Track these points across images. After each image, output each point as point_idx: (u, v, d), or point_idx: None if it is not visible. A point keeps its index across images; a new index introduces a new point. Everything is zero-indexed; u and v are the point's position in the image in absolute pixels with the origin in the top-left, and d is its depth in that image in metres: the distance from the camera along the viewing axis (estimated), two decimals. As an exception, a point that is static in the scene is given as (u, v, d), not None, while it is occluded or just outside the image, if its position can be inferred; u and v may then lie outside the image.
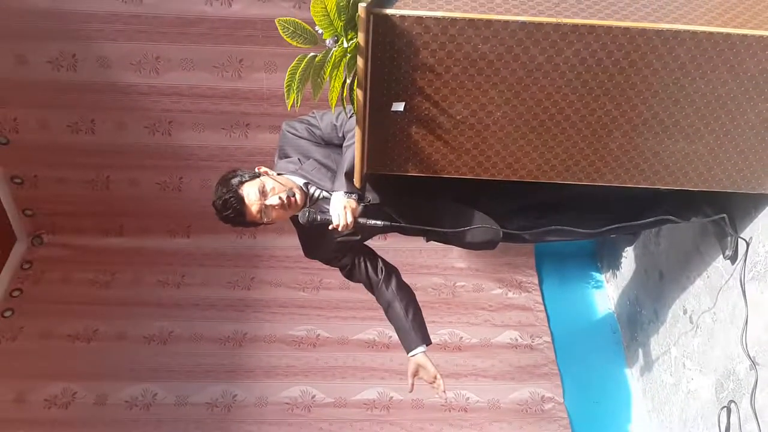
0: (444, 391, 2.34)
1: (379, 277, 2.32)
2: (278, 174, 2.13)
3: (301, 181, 2.13)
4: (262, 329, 3.24)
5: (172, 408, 2.93)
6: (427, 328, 2.37)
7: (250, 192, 2.01)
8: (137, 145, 3.26)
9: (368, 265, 2.32)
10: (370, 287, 2.36)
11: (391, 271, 2.36)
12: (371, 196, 2.11)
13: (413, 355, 2.32)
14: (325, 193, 2.11)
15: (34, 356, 3.08)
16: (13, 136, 3.22)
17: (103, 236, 3.58)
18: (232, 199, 1.99)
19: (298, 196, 2.05)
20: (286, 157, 2.21)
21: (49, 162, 3.32)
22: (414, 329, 2.32)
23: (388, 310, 2.35)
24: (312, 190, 2.13)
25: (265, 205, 2.00)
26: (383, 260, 2.37)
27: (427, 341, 2.33)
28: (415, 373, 2.33)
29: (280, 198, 2.00)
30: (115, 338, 3.18)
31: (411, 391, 2.38)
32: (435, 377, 2.30)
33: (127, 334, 3.19)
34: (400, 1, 1.66)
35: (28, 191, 3.44)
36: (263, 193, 2.00)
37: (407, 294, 2.36)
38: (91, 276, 3.45)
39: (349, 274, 2.34)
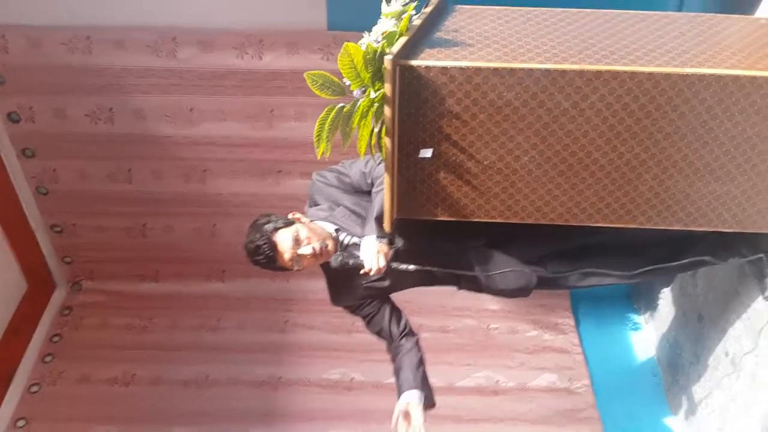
0: None
1: (400, 331, 2.28)
2: (311, 221, 2.15)
3: (331, 228, 2.14)
4: (296, 373, 3.25)
5: (208, 453, 2.94)
6: (431, 390, 2.29)
7: (283, 240, 2.00)
8: (173, 193, 3.34)
9: (392, 315, 2.29)
10: (389, 337, 2.29)
11: (413, 331, 2.33)
12: (402, 243, 2.11)
13: (408, 399, 2.19)
14: (355, 239, 2.13)
15: (73, 401, 3.13)
16: (53, 187, 3.33)
17: (139, 282, 3.66)
18: (264, 245, 1.99)
19: (330, 247, 2.05)
20: (317, 204, 2.24)
21: (87, 211, 3.42)
22: (420, 382, 2.23)
23: (402, 357, 2.27)
24: (342, 236, 2.15)
25: (298, 254, 2.00)
26: (407, 320, 2.33)
27: (429, 399, 2.24)
28: (404, 414, 2.16)
29: (313, 248, 2.00)
30: (152, 383, 3.21)
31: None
32: (419, 428, 2.13)
33: (165, 378, 3.23)
34: (425, 52, 1.69)
35: (67, 239, 3.54)
36: (297, 242, 2.00)
37: (421, 355, 2.30)
38: (129, 321, 3.52)
39: (370, 322, 2.30)
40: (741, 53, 1.68)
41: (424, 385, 2.24)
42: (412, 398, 2.19)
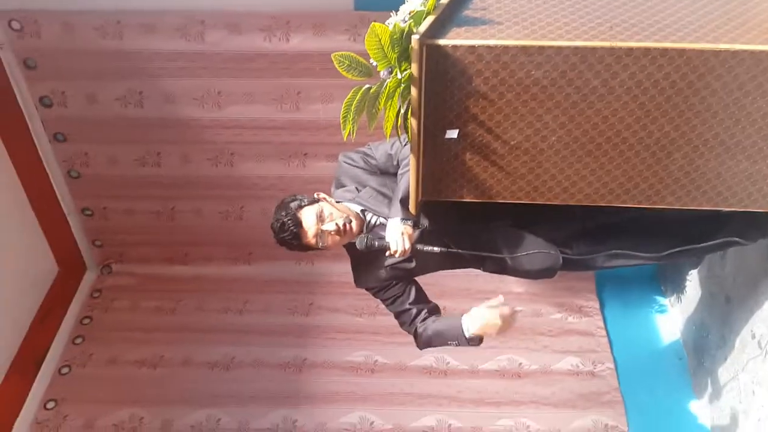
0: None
1: (422, 312, 2.26)
2: (336, 202, 2.17)
3: (358, 208, 2.16)
4: (320, 355, 3.28)
5: (235, 433, 2.98)
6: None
7: (308, 216, 2.04)
8: (201, 177, 3.38)
9: (417, 296, 2.27)
10: (410, 319, 2.27)
11: (436, 310, 2.32)
12: (427, 223, 2.12)
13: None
14: (381, 220, 2.15)
15: (103, 382, 3.20)
16: (84, 170, 3.39)
17: (168, 265, 3.72)
18: (289, 221, 2.03)
19: (354, 224, 2.08)
20: (343, 186, 2.26)
21: (117, 194, 3.48)
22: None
23: (431, 324, 2.26)
24: (369, 216, 2.16)
25: (322, 230, 2.03)
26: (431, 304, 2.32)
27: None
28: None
29: (336, 224, 2.03)
30: (180, 364, 3.27)
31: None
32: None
33: (192, 360, 3.28)
34: (453, 31, 1.68)
35: (98, 222, 3.61)
36: (321, 218, 2.04)
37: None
38: (157, 303, 3.58)
39: (393, 303, 2.29)
40: (775, 28, 1.66)
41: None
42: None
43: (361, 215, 2.17)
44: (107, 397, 3.12)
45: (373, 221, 2.16)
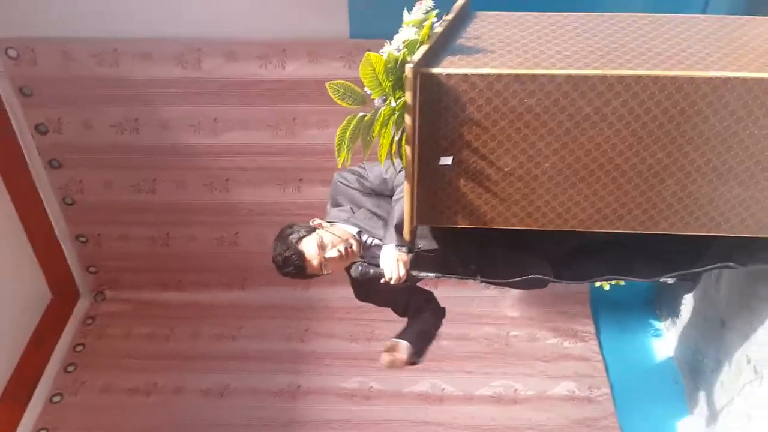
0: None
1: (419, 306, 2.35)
2: (330, 223, 2.20)
3: (354, 230, 2.19)
4: (315, 381, 3.26)
5: (229, 462, 2.95)
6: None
7: (309, 248, 2.06)
8: (196, 203, 3.39)
9: (416, 296, 2.36)
10: (404, 311, 2.37)
11: (436, 308, 2.38)
12: (422, 243, 2.13)
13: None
14: (377, 241, 2.16)
15: (95, 410, 3.17)
16: (79, 197, 3.39)
17: (162, 291, 3.70)
18: (293, 256, 2.06)
19: (354, 247, 2.11)
20: (338, 205, 2.28)
21: (112, 221, 3.47)
22: (414, 337, 2.28)
23: (413, 320, 2.36)
24: (365, 237, 2.19)
25: (325, 258, 2.06)
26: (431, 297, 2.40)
27: (418, 354, 2.28)
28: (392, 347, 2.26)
29: (338, 251, 2.06)
30: (173, 392, 3.24)
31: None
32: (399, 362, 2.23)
33: (186, 387, 3.25)
34: (446, 60, 1.70)
35: (92, 249, 3.60)
36: (322, 248, 2.06)
37: (433, 321, 2.37)
38: (151, 330, 3.56)
39: (403, 314, 2.38)
40: (766, 55, 1.68)
41: (418, 342, 2.28)
42: (402, 343, 2.25)
43: (357, 236, 2.19)
44: (99, 426, 3.09)
45: (369, 242, 2.19)
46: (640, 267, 2.18)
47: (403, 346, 2.24)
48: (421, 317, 2.34)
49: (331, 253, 2.06)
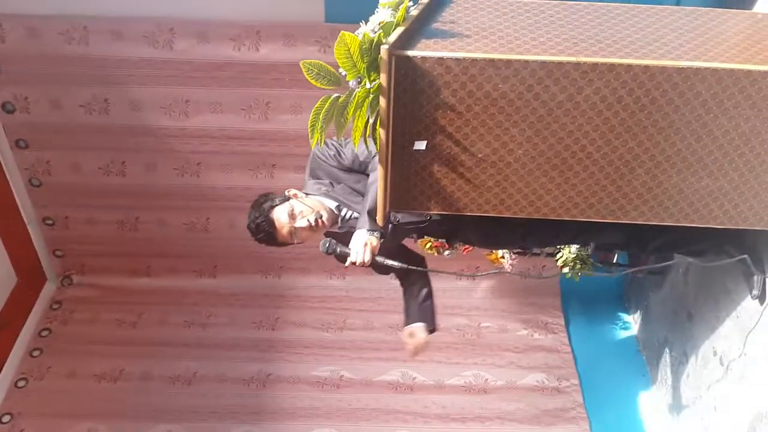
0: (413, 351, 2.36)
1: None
2: (306, 194, 2.22)
3: (333, 204, 2.22)
4: (286, 370, 3.24)
5: (196, 449, 2.92)
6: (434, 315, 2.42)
7: (280, 215, 2.13)
8: (166, 187, 3.34)
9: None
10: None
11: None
12: (400, 217, 2.18)
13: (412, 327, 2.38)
14: (356, 214, 2.18)
15: (61, 396, 3.11)
16: (46, 179, 3.32)
17: (131, 276, 3.64)
18: (263, 223, 2.13)
19: (325, 218, 2.16)
20: (317, 178, 2.30)
21: (80, 203, 3.41)
22: (422, 314, 2.37)
23: (408, 296, 2.42)
24: (344, 211, 2.22)
25: (295, 227, 2.12)
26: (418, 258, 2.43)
27: (431, 324, 2.38)
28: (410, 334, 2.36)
29: (308, 221, 2.12)
30: (140, 378, 3.20)
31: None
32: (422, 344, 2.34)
33: (153, 374, 3.21)
34: (422, 43, 1.69)
35: (59, 232, 3.53)
36: (292, 216, 2.13)
37: (428, 289, 2.42)
38: (119, 316, 3.50)
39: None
40: (737, 47, 1.70)
41: (427, 316, 2.38)
42: (416, 326, 2.36)
43: (336, 210, 2.22)
44: (65, 411, 3.03)
45: (348, 215, 2.22)
46: (598, 237, 2.31)
47: (419, 327, 2.34)
48: (411, 289, 2.40)
49: (301, 222, 2.12)
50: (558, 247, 2.72)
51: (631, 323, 3.47)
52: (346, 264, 2.08)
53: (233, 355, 3.30)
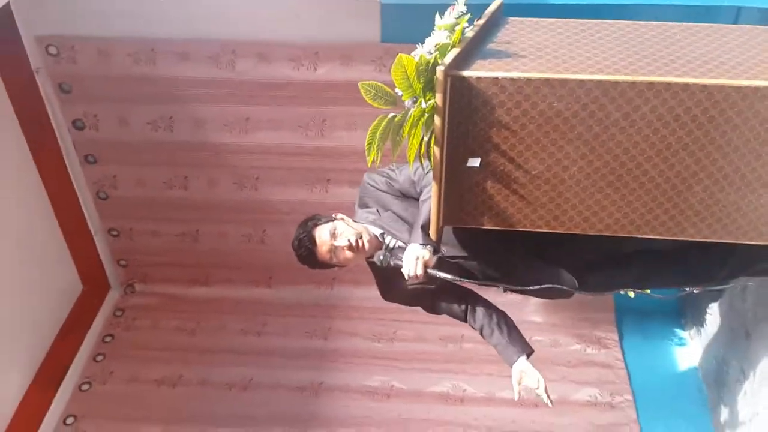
0: (549, 398, 2.24)
1: (462, 307, 2.32)
2: (355, 221, 2.23)
3: (378, 231, 2.21)
4: (337, 379, 3.30)
5: (251, 455, 2.99)
6: (526, 340, 2.32)
7: (322, 234, 2.13)
8: (226, 200, 3.44)
9: (448, 303, 2.32)
10: (458, 318, 2.35)
11: (476, 300, 2.34)
12: (447, 250, 2.15)
13: (514, 365, 2.26)
14: (400, 243, 2.18)
15: (122, 399, 3.24)
16: (112, 192, 3.47)
17: (190, 286, 3.77)
18: (305, 238, 2.13)
19: (365, 240, 2.13)
20: (366, 207, 2.32)
21: (143, 216, 3.55)
22: (511, 342, 2.27)
23: (482, 332, 2.32)
24: (388, 240, 2.21)
25: (335, 246, 2.11)
26: (468, 293, 2.35)
27: (527, 350, 2.27)
28: (519, 381, 2.25)
29: (348, 240, 2.09)
30: (198, 384, 3.30)
31: (517, 399, 2.28)
32: (538, 380, 2.22)
33: (210, 380, 3.31)
34: (477, 63, 1.72)
35: (124, 243, 3.68)
36: (333, 236, 2.12)
37: (498, 314, 2.33)
38: (178, 323, 3.63)
39: (431, 311, 2.36)
40: (795, 66, 1.68)
41: (518, 342, 2.28)
42: (519, 364, 2.25)
43: (381, 238, 2.21)
44: (126, 415, 3.15)
45: (392, 245, 2.21)
46: (662, 276, 2.18)
47: (523, 365, 2.25)
48: (487, 329, 2.31)
49: (341, 241, 2.10)
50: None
51: (687, 339, 3.40)
52: (406, 278, 2.07)
53: (287, 363, 3.38)
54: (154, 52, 2.98)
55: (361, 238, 2.12)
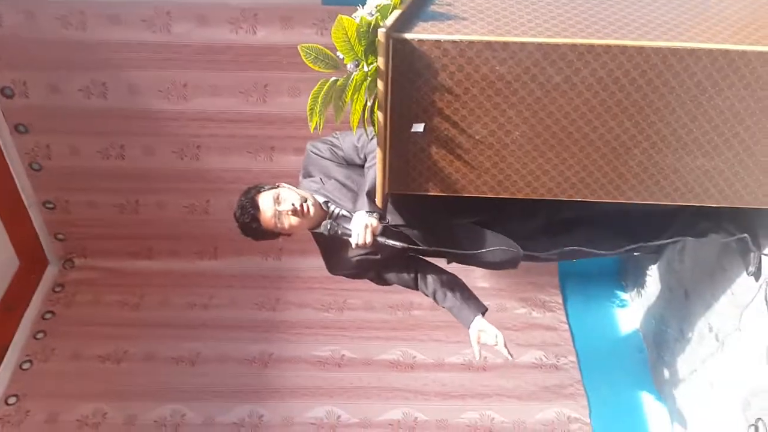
0: (509, 352, 2.27)
1: (411, 275, 2.33)
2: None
3: (322, 199, 2.18)
4: (287, 350, 3.28)
5: (200, 428, 2.97)
6: (479, 299, 2.36)
7: (265, 200, 2.10)
8: (166, 170, 3.35)
9: (397, 272, 2.33)
10: (408, 286, 2.37)
11: (426, 266, 2.36)
12: (391, 218, 2.14)
13: (471, 325, 2.29)
14: (344, 212, 2.16)
15: (65, 377, 3.15)
16: (46, 163, 3.33)
17: (132, 259, 3.67)
18: (247, 205, 2.09)
19: (310, 204, 2.10)
20: (310, 176, 2.28)
21: (80, 187, 3.42)
22: (465, 303, 2.31)
23: (435, 297, 2.35)
24: (332, 208, 2.19)
25: (279, 211, 2.07)
26: (416, 260, 2.35)
27: (481, 309, 2.31)
28: (478, 340, 2.28)
29: (292, 204, 2.07)
30: (144, 359, 3.23)
31: (479, 358, 2.33)
32: (496, 336, 2.25)
33: (156, 355, 3.25)
34: (419, 26, 1.70)
35: (60, 216, 3.55)
36: (277, 201, 2.09)
37: (449, 277, 2.36)
38: (121, 298, 3.53)
39: (380, 283, 2.37)
40: (732, 27, 1.70)
41: (471, 303, 2.32)
42: (476, 323, 2.28)
43: (325, 206, 2.19)
44: (70, 392, 3.07)
45: (336, 212, 2.18)
46: (605, 239, 2.22)
47: (479, 324, 2.28)
48: (440, 292, 2.33)
49: (285, 205, 2.07)
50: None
51: (628, 301, 3.50)
52: (353, 246, 2.06)
53: (235, 336, 3.34)
54: (84, 15, 2.85)
55: (306, 202, 2.10)
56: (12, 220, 3.50)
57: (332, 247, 2.22)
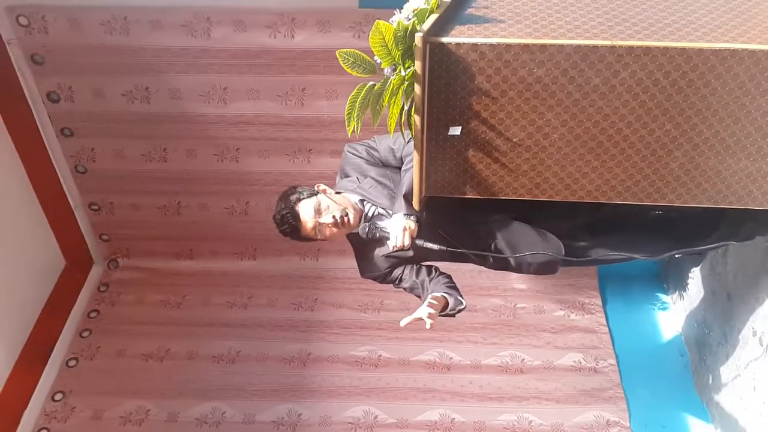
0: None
1: (430, 276, 2.30)
2: (337, 192, 2.21)
3: (356, 198, 2.20)
4: (325, 349, 3.31)
5: (240, 426, 3.02)
6: (460, 293, 2.28)
7: (305, 210, 2.11)
8: (206, 172, 3.40)
9: (421, 269, 2.32)
10: (420, 287, 2.29)
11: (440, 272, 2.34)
12: (429, 219, 2.14)
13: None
14: (380, 210, 2.18)
15: (110, 375, 3.24)
16: (91, 166, 3.42)
17: (174, 259, 3.75)
18: (288, 215, 2.11)
19: (351, 215, 2.12)
20: (347, 176, 2.31)
21: (124, 189, 3.50)
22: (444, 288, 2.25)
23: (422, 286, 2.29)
24: (368, 207, 2.20)
25: (319, 223, 2.10)
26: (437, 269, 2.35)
27: (454, 295, 2.24)
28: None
29: (333, 217, 2.09)
30: (185, 357, 3.30)
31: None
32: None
33: (198, 353, 3.31)
34: (456, 30, 1.70)
35: (105, 217, 3.64)
36: (318, 212, 2.10)
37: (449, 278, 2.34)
38: (163, 297, 3.61)
39: (399, 284, 2.34)
40: (774, 28, 1.67)
41: (455, 293, 2.25)
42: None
43: (360, 205, 2.20)
44: (114, 389, 3.15)
45: (371, 212, 2.20)
46: (646, 240, 2.19)
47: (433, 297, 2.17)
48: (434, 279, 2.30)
49: (326, 218, 2.09)
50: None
51: (669, 303, 3.44)
52: (391, 249, 2.07)
53: (274, 335, 3.39)
54: (126, 21, 2.91)
55: (347, 214, 2.11)
56: (58, 221, 3.61)
57: (366, 248, 2.24)
